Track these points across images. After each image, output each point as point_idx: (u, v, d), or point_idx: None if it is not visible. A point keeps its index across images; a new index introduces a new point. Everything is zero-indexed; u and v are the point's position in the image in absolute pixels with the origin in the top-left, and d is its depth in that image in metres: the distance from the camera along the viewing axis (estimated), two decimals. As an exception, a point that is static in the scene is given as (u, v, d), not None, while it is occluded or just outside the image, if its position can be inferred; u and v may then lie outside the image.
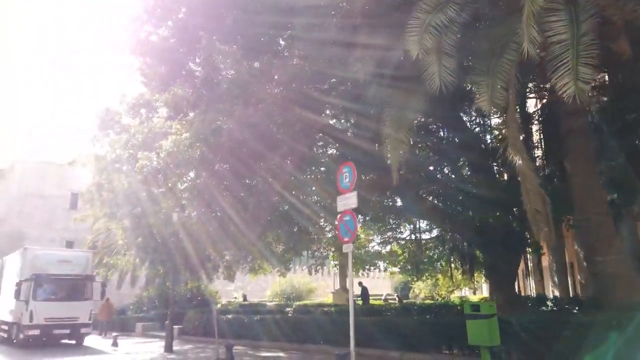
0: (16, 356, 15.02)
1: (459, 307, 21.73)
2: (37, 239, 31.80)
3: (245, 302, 29.51)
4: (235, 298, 31.81)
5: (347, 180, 9.38)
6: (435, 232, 23.60)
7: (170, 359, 13.28)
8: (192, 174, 14.56)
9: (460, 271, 25.16)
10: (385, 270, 29.14)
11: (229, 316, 16.71)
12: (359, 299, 22.94)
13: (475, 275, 24.59)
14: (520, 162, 9.19)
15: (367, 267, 29.08)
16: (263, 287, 40.66)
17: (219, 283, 30.84)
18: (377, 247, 27.70)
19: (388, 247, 26.85)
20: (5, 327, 19.37)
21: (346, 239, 9.35)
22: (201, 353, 14.31)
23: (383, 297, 29.81)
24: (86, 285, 18.31)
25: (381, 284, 48.11)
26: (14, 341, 17.57)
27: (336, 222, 21.92)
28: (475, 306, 8.61)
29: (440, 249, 24.13)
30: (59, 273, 17.66)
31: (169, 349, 14.65)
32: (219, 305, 26.32)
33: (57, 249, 20.07)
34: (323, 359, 11.99)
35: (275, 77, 11.83)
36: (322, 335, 13.28)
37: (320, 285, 36.57)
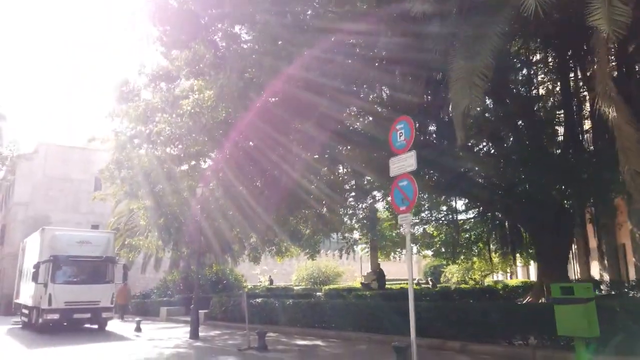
0: (36, 342, 13.86)
1: (501, 292, 20.05)
2: (63, 222, 30.92)
3: (272, 286, 28.22)
4: (260, 282, 30.51)
5: (402, 138, 7.64)
6: (471, 213, 21.85)
7: (196, 346, 11.86)
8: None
9: (499, 254, 23.38)
10: (418, 253, 27.37)
11: (258, 300, 15.22)
12: (373, 282, 21.24)
13: (516, 258, 22.76)
14: (615, 114, 7.37)
15: (399, 250, 27.46)
16: (288, 271, 39.44)
17: (244, 267, 29.60)
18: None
19: (421, 229, 25.24)
20: (26, 312, 18.37)
21: (402, 208, 7.63)
22: (229, 340, 12.86)
23: (416, 282, 28.05)
24: (107, 267, 17.08)
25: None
26: (35, 326, 16.49)
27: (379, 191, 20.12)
28: (567, 288, 6.83)
29: (479, 230, 22.34)
30: (79, 254, 16.45)
31: (194, 335, 13.25)
32: (245, 289, 25.02)
33: (77, 230, 18.88)
34: (368, 349, 10.38)
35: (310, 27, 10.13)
36: (359, 322, 11.68)
37: (347, 270, 35.04)
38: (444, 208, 21.88)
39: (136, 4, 14.39)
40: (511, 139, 15.28)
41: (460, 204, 20.84)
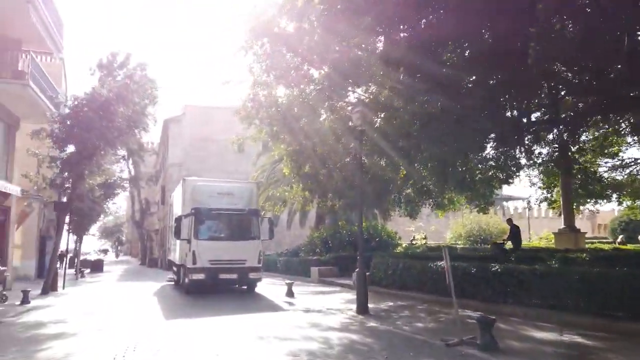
0: (178, 306, 11.57)
1: None
2: (212, 181, 30.32)
3: (430, 245, 23.78)
4: (415, 240, 26.24)
5: None
6: None
7: (371, 329, 8.02)
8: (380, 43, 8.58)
9: None
10: (620, 203, 20.44)
11: (439, 264, 10.95)
12: (507, 242, 15.35)
13: None
14: None
15: (595, 199, 20.77)
16: (437, 229, 34.64)
17: (394, 223, 25.61)
18: (607, 174, 19.22)
19: (624, 173, 18.59)
20: (175, 269, 16.75)
21: None
22: (413, 320, 8.81)
23: (619, 241, 21.20)
24: (252, 222, 14.31)
25: (578, 223, 37.78)
26: (183, 285, 14.54)
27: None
28: None
29: None
30: (220, 207, 13.86)
31: (362, 309, 9.54)
32: (399, 249, 21.01)
33: (218, 180, 16.53)
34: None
35: None
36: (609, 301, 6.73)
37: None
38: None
39: None
40: None
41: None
